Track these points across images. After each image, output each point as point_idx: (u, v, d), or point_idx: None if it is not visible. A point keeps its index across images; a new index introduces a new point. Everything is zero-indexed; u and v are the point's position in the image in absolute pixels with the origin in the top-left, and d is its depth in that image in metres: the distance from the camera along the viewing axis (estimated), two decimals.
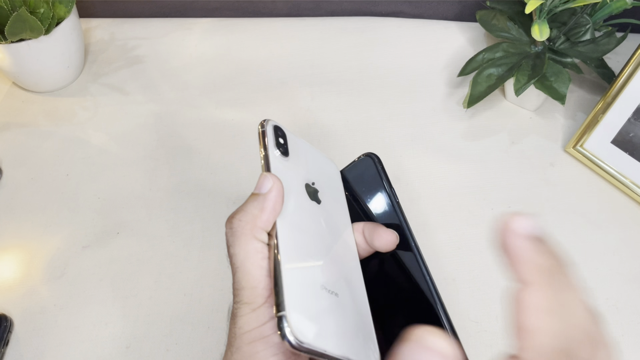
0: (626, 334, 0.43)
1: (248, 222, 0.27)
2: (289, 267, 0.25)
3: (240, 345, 0.26)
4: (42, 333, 0.44)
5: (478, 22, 0.61)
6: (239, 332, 0.26)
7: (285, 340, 0.23)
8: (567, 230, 0.49)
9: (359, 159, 0.33)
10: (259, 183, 0.28)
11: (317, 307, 0.25)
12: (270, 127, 0.31)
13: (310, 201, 0.30)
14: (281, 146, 0.30)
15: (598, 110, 0.51)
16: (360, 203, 0.33)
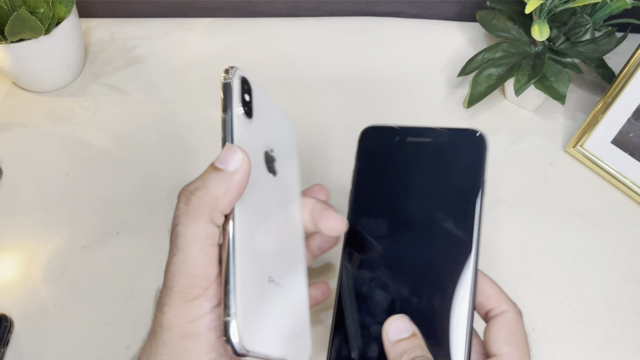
0: (626, 334, 0.43)
1: (208, 203, 0.23)
2: (242, 262, 0.23)
3: (168, 341, 0.23)
4: (42, 333, 0.44)
5: (478, 22, 0.61)
6: (167, 324, 0.23)
7: (230, 346, 0.21)
8: (567, 230, 0.49)
9: (464, 130, 0.30)
10: (225, 156, 0.24)
11: (265, 307, 0.23)
12: (237, 79, 0.26)
13: (267, 174, 0.27)
14: (246, 104, 0.26)
15: (598, 110, 0.51)
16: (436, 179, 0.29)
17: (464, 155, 0.29)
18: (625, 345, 0.42)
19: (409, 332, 0.26)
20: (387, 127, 0.31)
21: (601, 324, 0.43)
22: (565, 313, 0.44)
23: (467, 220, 0.28)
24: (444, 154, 0.30)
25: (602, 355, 0.42)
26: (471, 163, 0.29)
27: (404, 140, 0.30)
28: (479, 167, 0.29)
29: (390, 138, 0.31)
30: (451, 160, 0.29)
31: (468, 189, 0.29)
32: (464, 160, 0.29)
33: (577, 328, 0.43)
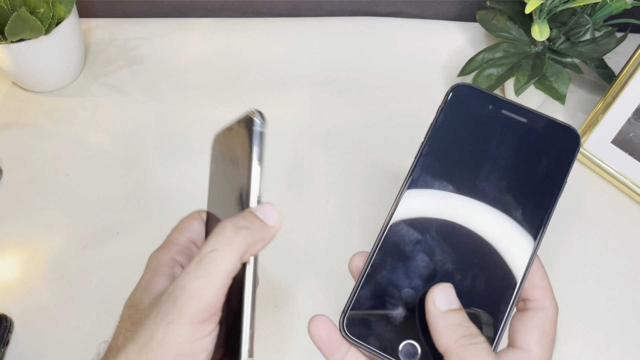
0: (626, 334, 0.43)
1: (248, 244, 0.25)
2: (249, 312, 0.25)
3: (163, 357, 0.24)
4: (42, 333, 0.44)
5: (478, 22, 0.61)
6: (169, 341, 0.23)
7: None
8: (567, 230, 0.49)
9: (562, 123, 0.29)
10: (268, 210, 0.26)
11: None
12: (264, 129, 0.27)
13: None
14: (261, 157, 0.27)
15: (598, 110, 0.51)
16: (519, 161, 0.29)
17: (555, 148, 0.29)
18: (625, 345, 0.42)
19: (457, 305, 0.25)
20: (481, 91, 0.30)
21: (601, 324, 0.43)
22: (565, 313, 0.44)
23: (539, 211, 0.29)
24: (535, 140, 0.29)
25: (602, 355, 0.42)
26: (560, 157, 0.29)
27: (498, 111, 0.30)
28: (567, 164, 0.29)
29: (483, 104, 0.30)
30: (541, 148, 0.29)
31: (549, 181, 0.30)
32: (553, 152, 0.29)
33: (577, 328, 0.43)
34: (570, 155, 0.29)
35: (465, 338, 0.24)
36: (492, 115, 0.30)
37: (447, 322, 0.25)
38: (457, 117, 0.30)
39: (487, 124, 0.29)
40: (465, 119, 0.30)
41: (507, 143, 0.29)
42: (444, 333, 0.24)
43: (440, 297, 0.25)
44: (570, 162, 0.29)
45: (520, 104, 0.30)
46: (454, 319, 0.25)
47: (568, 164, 0.29)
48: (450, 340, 0.24)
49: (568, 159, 0.29)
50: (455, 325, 0.24)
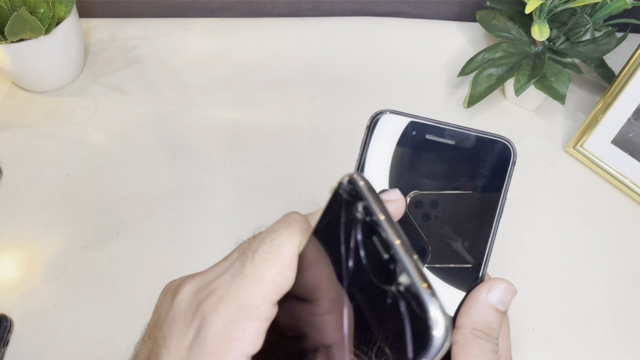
0: (626, 334, 0.43)
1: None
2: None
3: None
4: (42, 333, 0.44)
5: (478, 22, 0.61)
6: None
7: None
8: (567, 230, 0.49)
9: (495, 137, 0.28)
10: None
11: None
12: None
13: None
14: None
15: (598, 110, 0.51)
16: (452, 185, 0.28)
17: (487, 165, 0.28)
18: (625, 345, 0.42)
19: (504, 308, 0.25)
20: (404, 116, 0.29)
21: (601, 324, 0.43)
22: (565, 313, 0.44)
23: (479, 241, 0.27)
24: (466, 159, 0.28)
25: (602, 355, 0.42)
26: (493, 175, 0.27)
27: (423, 136, 0.28)
28: (500, 181, 0.27)
29: (407, 130, 0.28)
30: (472, 167, 0.28)
31: (485, 205, 0.27)
32: (486, 172, 0.28)
33: (577, 328, 0.43)
34: (503, 170, 0.27)
35: (483, 333, 0.24)
36: (419, 140, 0.28)
37: (484, 313, 0.24)
38: (382, 146, 0.29)
39: (415, 150, 0.28)
40: (391, 147, 0.28)
41: (437, 168, 0.28)
42: (473, 317, 0.24)
43: (499, 294, 0.25)
44: (504, 177, 0.27)
45: (445, 124, 0.28)
46: (491, 315, 0.24)
47: (502, 180, 0.27)
48: (467, 326, 0.24)
49: (502, 175, 0.27)
50: (487, 321, 0.24)
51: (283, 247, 0.20)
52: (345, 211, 0.20)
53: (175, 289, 0.22)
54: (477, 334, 0.24)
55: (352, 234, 0.20)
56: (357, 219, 0.19)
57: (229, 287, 0.20)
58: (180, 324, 0.21)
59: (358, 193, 0.20)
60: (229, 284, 0.20)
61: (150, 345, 0.22)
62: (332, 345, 0.20)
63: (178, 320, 0.21)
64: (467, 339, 0.24)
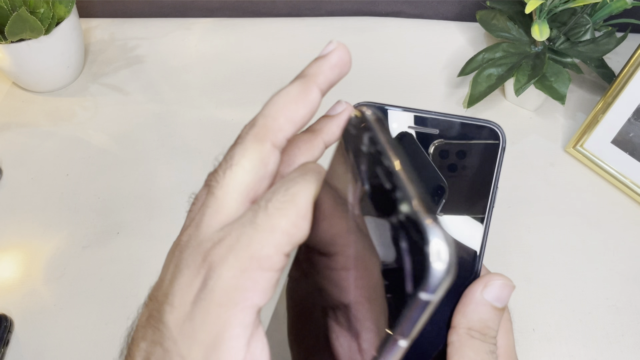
0: (626, 334, 0.43)
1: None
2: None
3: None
4: (42, 333, 0.44)
5: (478, 22, 0.61)
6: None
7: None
8: (567, 230, 0.49)
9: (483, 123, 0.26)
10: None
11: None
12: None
13: None
14: None
15: (598, 110, 0.51)
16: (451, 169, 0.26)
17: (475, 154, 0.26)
18: (625, 345, 0.42)
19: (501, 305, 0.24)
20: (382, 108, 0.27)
21: (601, 324, 0.43)
22: (565, 313, 0.44)
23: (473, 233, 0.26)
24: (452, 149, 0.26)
25: (602, 355, 0.42)
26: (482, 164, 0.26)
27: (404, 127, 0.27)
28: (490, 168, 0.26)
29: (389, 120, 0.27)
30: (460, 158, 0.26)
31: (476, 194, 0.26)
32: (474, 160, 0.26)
33: (577, 328, 0.43)
34: (493, 157, 0.26)
35: (478, 333, 0.23)
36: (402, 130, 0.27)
37: (480, 312, 0.23)
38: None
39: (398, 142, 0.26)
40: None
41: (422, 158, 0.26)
42: (468, 316, 0.23)
43: (495, 291, 0.23)
44: (493, 165, 0.26)
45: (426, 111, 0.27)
46: (488, 313, 0.23)
47: (492, 168, 0.26)
48: (461, 325, 0.23)
49: (491, 163, 0.26)
50: (483, 320, 0.23)
51: (298, 196, 0.19)
52: (353, 147, 0.19)
53: (175, 244, 0.21)
54: (472, 334, 0.23)
55: (360, 167, 0.18)
56: (364, 152, 0.18)
57: (239, 236, 0.19)
58: (184, 278, 0.19)
59: (365, 124, 0.19)
60: (239, 233, 0.19)
61: (151, 306, 0.20)
62: (350, 305, 0.19)
63: (180, 274, 0.20)
64: (462, 339, 0.23)
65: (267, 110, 0.22)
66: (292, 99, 0.22)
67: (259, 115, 0.22)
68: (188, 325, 0.19)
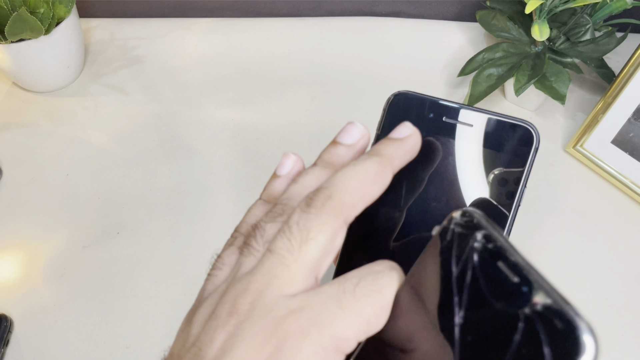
0: (626, 334, 0.43)
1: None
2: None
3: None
4: (42, 333, 0.44)
5: (478, 22, 0.61)
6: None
7: None
8: (567, 230, 0.49)
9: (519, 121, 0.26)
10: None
11: None
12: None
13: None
14: None
15: (598, 110, 0.51)
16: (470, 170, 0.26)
17: (507, 151, 0.26)
18: (625, 345, 0.42)
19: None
20: (421, 98, 0.28)
21: (601, 324, 0.43)
22: None
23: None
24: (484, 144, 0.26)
25: (602, 355, 0.42)
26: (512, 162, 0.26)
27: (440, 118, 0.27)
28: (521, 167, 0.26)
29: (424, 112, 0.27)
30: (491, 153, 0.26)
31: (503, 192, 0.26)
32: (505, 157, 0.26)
33: None
34: (524, 156, 0.26)
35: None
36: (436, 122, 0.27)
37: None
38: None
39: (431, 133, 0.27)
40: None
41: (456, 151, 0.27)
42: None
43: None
44: (524, 163, 0.26)
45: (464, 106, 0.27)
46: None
47: (522, 167, 0.26)
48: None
49: (522, 161, 0.26)
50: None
51: (386, 289, 0.19)
52: (457, 246, 0.19)
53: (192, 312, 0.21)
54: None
55: (468, 266, 0.18)
56: (476, 249, 0.18)
57: (322, 311, 0.18)
58: (248, 347, 0.18)
59: (475, 224, 0.19)
60: (323, 308, 0.18)
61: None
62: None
63: (243, 344, 0.18)
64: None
65: (344, 183, 0.21)
66: (371, 178, 0.21)
67: (335, 186, 0.21)
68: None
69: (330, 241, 0.20)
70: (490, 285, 0.18)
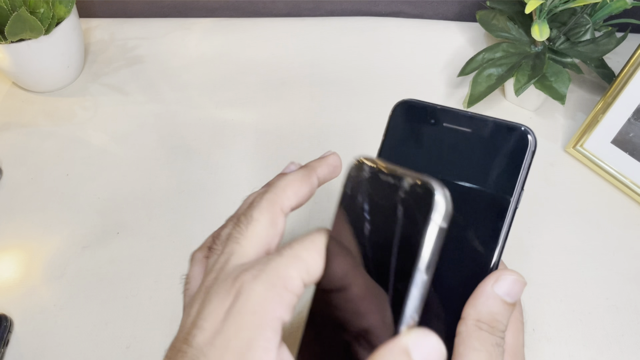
0: (626, 334, 0.43)
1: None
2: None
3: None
4: (42, 333, 0.44)
5: (478, 22, 0.61)
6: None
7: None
8: (567, 230, 0.49)
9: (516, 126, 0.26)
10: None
11: None
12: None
13: None
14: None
15: (598, 110, 0.51)
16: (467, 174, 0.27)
17: (503, 154, 0.27)
18: (625, 345, 0.42)
19: (511, 300, 0.24)
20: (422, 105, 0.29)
21: (601, 324, 0.43)
22: (565, 313, 0.44)
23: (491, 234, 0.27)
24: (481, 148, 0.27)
25: (602, 355, 0.42)
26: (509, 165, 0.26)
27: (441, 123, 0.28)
28: (516, 172, 0.26)
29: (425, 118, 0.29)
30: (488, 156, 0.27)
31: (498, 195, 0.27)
32: (501, 160, 0.27)
33: (577, 328, 0.43)
34: (520, 159, 0.26)
35: (486, 325, 0.23)
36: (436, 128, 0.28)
37: (490, 305, 0.24)
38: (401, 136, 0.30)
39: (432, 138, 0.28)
40: (410, 136, 0.29)
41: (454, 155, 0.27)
42: (478, 308, 0.24)
43: (506, 285, 0.24)
44: (520, 166, 0.26)
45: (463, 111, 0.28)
46: (497, 307, 0.24)
47: (517, 170, 0.27)
48: (477, 316, 0.23)
49: (518, 164, 0.26)
50: (492, 313, 0.23)
51: (316, 238, 0.24)
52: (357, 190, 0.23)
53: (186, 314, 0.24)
54: (480, 326, 0.23)
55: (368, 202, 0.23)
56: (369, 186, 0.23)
57: (267, 262, 0.22)
58: (213, 304, 0.22)
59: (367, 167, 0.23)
60: (267, 260, 0.23)
61: (176, 345, 0.23)
62: (371, 327, 0.22)
63: (209, 303, 0.22)
64: (469, 330, 0.23)
65: (278, 182, 0.27)
66: (298, 179, 0.27)
67: (270, 187, 0.27)
68: (219, 338, 0.21)
69: (271, 223, 0.25)
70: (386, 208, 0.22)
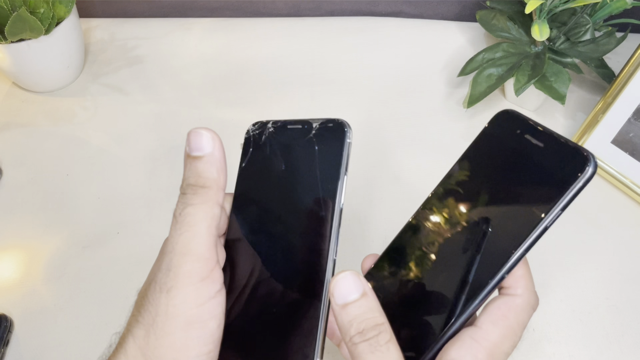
0: (626, 334, 0.43)
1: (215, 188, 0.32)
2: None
3: (173, 330, 0.22)
4: (42, 333, 0.44)
5: (478, 22, 0.61)
6: (174, 311, 0.22)
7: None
8: (567, 230, 0.49)
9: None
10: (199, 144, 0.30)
11: None
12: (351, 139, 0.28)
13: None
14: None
15: (598, 110, 0.51)
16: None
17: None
18: (625, 345, 0.42)
19: (359, 292, 0.23)
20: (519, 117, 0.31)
21: (601, 324, 0.43)
22: (565, 313, 0.44)
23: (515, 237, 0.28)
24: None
25: (602, 355, 0.42)
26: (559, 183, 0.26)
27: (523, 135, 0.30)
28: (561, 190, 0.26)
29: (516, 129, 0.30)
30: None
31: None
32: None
33: (577, 328, 0.43)
34: (567, 181, 0.26)
35: (357, 336, 0.22)
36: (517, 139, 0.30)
37: (342, 319, 0.23)
38: (491, 141, 0.31)
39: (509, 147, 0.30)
40: (497, 144, 0.31)
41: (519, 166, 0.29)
42: (342, 330, 0.23)
43: (337, 290, 0.23)
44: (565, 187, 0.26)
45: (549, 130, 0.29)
46: (349, 314, 0.23)
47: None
48: (346, 338, 0.23)
49: (563, 185, 0.26)
50: (349, 322, 0.23)
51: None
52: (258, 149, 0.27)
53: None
54: (355, 341, 0.22)
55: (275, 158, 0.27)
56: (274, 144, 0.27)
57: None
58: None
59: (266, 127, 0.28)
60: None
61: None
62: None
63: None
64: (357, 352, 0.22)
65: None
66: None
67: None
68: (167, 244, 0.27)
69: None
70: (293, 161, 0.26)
